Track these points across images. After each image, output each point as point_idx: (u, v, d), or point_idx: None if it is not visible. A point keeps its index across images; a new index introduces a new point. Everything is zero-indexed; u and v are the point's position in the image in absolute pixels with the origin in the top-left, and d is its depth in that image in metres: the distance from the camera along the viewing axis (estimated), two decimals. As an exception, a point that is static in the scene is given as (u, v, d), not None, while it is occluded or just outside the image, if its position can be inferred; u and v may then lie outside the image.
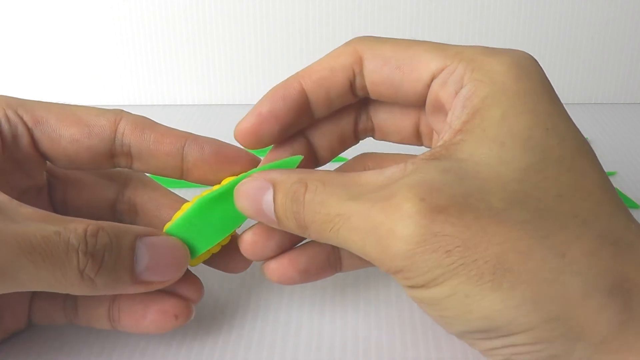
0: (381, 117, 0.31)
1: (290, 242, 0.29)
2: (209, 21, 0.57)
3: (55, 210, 0.31)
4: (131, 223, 0.32)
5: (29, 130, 0.29)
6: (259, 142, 0.29)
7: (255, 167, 0.30)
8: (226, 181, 0.29)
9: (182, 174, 0.30)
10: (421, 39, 0.28)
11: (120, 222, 0.28)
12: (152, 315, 0.28)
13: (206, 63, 0.59)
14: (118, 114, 0.30)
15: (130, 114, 0.30)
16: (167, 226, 0.28)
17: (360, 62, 0.28)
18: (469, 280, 0.22)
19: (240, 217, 0.28)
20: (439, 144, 0.25)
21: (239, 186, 0.27)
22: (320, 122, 0.31)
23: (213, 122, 0.56)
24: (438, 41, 0.28)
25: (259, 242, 0.28)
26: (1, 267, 0.22)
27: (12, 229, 0.23)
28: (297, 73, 0.29)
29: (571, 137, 0.25)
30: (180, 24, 0.57)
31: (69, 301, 0.29)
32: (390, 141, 0.32)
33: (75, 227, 0.25)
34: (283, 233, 0.28)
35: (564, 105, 0.26)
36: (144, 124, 0.30)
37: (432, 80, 0.27)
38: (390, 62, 0.28)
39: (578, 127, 0.26)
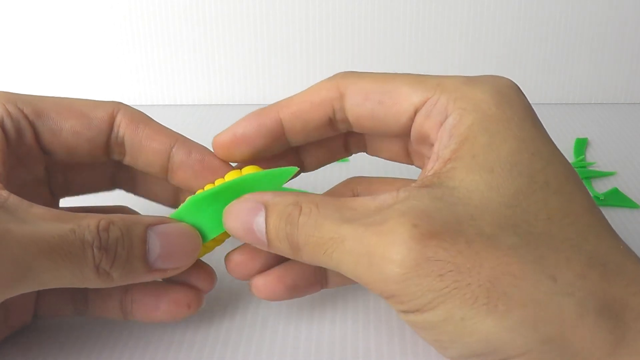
0: (370, 137, 0.32)
1: (275, 262, 0.30)
2: (209, 21, 0.57)
3: (59, 195, 0.32)
4: (130, 192, 0.33)
5: (31, 123, 0.29)
6: (232, 158, 0.30)
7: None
8: (230, 177, 0.29)
9: (167, 174, 0.30)
10: (421, 40, 0.29)
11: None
12: (165, 306, 0.29)
13: (206, 63, 0.59)
14: (116, 106, 0.30)
15: (128, 106, 0.31)
16: (175, 213, 0.29)
17: (340, 98, 0.29)
18: (463, 304, 0.22)
19: None
20: (429, 173, 0.26)
21: (229, 207, 0.27)
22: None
23: (213, 122, 0.56)
24: (437, 37, 0.28)
25: (246, 262, 0.29)
26: (23, 269, 0.23)
27: (28, 231, 0.24)
28: (277, 103, 0.30)
29: (556, 162, 0.25)
30: (181, 24, 0.57)
31: (78, 294, 0.29)
32: (381, 157, 0.32)
33: (88, 223, 0.25)
34: (269, 253, 0.28)
35: (565, 106, 0.26)
36: (140, 118, 0.30)
37: (415, 113, 0.27)
38: (371, 97, 0.28)
39: (578, 127, 0.26)
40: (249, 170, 0.29)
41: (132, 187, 0.33)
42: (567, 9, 0.56)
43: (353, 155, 0.33)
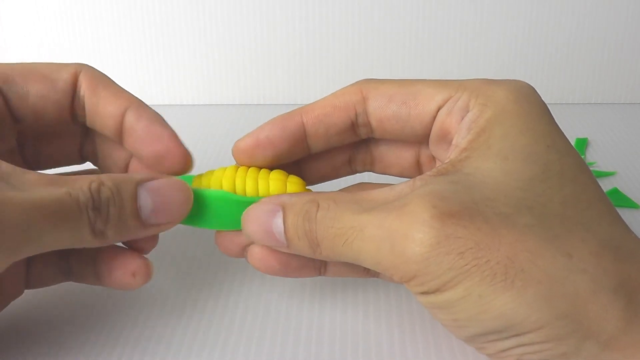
0: (382, 150, 0.32)
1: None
2: (209, 21, 0.57)
3: (29, 166, 0.32)
4: (95, 165, 0.34)
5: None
6: (252, 162, 0.30)
7: (184, 159, 0.30)
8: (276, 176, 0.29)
9: (121, 140, 0.30)
10: (420, 43, 0.29)
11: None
12: (116, 272, 0.29)
13: (206, 63, 0.59)
14: (78, 67, 0.30)
15: (90, 67, 0.31)
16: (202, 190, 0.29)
17: (363, 101, 0.29)
18: (482, 281, 0.23)
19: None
20: (445, 162, 0.26)
21: (248, 211, 0.28)
22: (314, 153, 0.31)
23: (213, 122, 0.56)
24: (437, 39, 0.29)
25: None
26: (27, 233, 0.24)
27: (27, 197, 0.24)
28: (301, 107, 0.30)
29: (571, 155, 0.26)
30: (180, 23, 0.57)
31: (63, 262, 0.30)
32: (390, 174, 0.33)
33: (81, 185, 0.26)
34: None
35: (565, 106, 0.27)
36: (99, 80, 0.30)
37: (437, 111, 0.28)
38: (395, 99, 0.29)
39: (578, 127, 0.27)
40: (293, 181, 0.29)
41: (95, 159, 0.33)
42: (567, 9, 0.56)
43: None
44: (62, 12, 0.57)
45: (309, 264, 0.30)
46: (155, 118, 0.30)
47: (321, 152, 0.31)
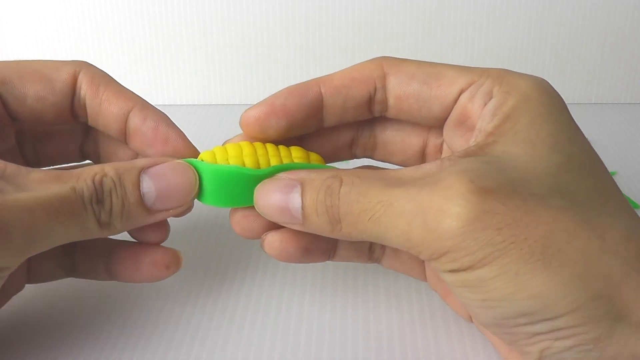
0: (388, 134, 0.31)
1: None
2: (209, 21, 0.57)
3: (29, 164, 0.32)
4: (97, 162, 0.33)
5: None
6: (262, 133, 0.29)
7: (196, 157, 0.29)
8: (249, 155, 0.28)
9: (125, 139, 0.30)
10: (419, 43, 0.29)
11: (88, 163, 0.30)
12: (145, 267, 0.29)
13: (206, 63, 0.59)
14: (78, 66, 0.30)
15: (90, 66, 0.30)
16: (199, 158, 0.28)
17: (383, 77, 0.29)
18: (520, 259, 0.22)
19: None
20: (471, 144, 0.26)
21: (261, 186, 0.27)
22: (317, 132, 0.30)
23: (213, 122, 0.56)
24: (436, 39, 0.29)
25: (254, 218, 0.28)
26: (35, 234, 0.24)
27: (33, 197, 0.24)
28: (319, 77, 0.29)
29: (589, 149, 0.26)
30: (181, 24, 0.57)
31: (66, 258, 0.30)
32: (391, 162, 0.32)
33: (85, 178, 0.26)
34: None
35: None
36: (100, 79, 0.30)
37: (459, 95, 0.28)
38: (417, 78, 0.28)
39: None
40: (315, 158, 0.28)
41: (97, 157, 0.33)
42: (567, 9, 0.56)
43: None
44: (62, 12, 0.57)
45: (321, 248, 0.29)
46: (161, 118, 0.30)
47: (329, 128, 0.30)
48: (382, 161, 0.32)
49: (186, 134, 0.30)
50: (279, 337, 0.30)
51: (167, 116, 0.30)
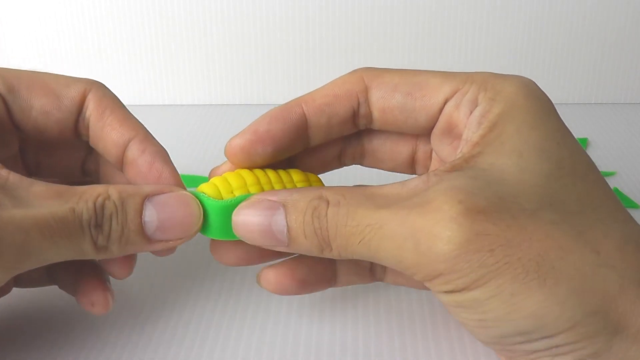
0: (375, 143, 0.31)
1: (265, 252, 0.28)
2: (209, 21, 0.57)
3: (30, 174, 0.31)
4: (97, 181, 0.32)
5: (2, 98, 0.28)
6: (249, 160, 0.28)
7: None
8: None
9: (121, 167, 0.29)
10: (419, 43, 0.29)
11: (89, 180, 0.30)
12: (78, 298, 0.29)
13: (206, 63, 0.59)
14: (88, 85, 0.29)
15: (101, 87, 0.30)
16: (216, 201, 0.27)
17: (365, 90, 0.28)
18: (514, 279, 0.22)
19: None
20: (457, 156, 0.25)
21: (239, 211, 0.26)
22: (304, 150, 0.30)
23: (213, 122, 0.56)
24: (436, 39, 0.28)
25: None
26: (26, 252, 0.24)
27: (30, 214, 0.24)
28: (300, 97, 0.28)
29: (579, 152, 0.26)
30: (181, 24, 0.57)
31: (52, 267, 0.30)
32: (381, 168, 0.31)
33: (87, 200, 0.25)
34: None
35: (564, 105, 0.27)
36: (107, 103, 0.29)
37: (444, 104, 0.27)
38: (400, 89, 0.28)
39: (578, 127, 0.27)
40: (314, 180, 0.28)
41: (97, 176, 0.32)
42: (567, 9, 0.56)
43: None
44: (62, 12, 0.57)
45: (323, 278, 0.29)
46: (158, 154, 0.29)
47: (316, 145, 0.29)
48: (372, 167, 0.32)
49: (186, 134, 0.30)
50: (278, 339, 0.30)
51: (166, 152, 0.29)
